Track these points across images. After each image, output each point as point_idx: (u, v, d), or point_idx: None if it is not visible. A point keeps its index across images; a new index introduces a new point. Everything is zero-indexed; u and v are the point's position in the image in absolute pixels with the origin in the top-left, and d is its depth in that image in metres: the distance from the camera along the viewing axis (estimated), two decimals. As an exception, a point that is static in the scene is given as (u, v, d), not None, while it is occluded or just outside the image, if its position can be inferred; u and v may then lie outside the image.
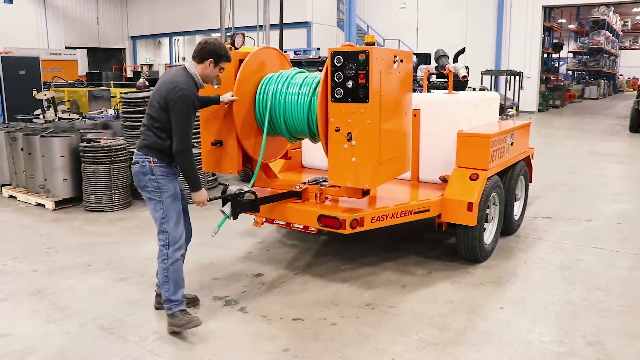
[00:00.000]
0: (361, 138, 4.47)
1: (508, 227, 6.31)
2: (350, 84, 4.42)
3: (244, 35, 5.35)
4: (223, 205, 4.64)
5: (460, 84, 6.26)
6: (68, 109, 12.38)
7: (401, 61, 4.74)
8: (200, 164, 5.46)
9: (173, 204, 4.19)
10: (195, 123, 4.72)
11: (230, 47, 5.08)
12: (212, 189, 8.63)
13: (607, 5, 38.18)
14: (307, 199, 5.12)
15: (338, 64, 4.47)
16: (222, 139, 5.09)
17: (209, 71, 4.24)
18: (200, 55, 4.20)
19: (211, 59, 4.19)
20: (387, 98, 4.61)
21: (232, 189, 4.70)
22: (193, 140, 4.35)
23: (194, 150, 4.64)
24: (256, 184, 5.28)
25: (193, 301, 4.63)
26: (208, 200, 4.36)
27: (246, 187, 4.76)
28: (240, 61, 4.98)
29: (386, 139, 4.67)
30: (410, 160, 5.30)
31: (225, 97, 4.80)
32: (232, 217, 4.64)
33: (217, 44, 4.24)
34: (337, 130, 4.54)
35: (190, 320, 4.14)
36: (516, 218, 6.58)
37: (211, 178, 8.72)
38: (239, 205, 4.63)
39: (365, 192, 4.86)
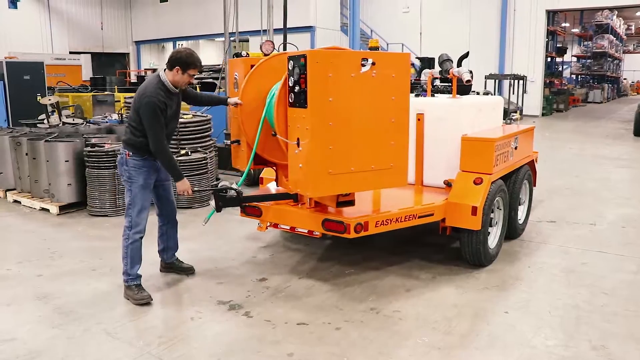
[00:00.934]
0: (304, 144, 4.41)
1: (512, 231, 6.30)
2: (297, 88, 4.38)
3: (273, 43, 5.56)
4: (211, 200, 5.08)
5: (464, 88, 6.26)
6: (72, 113, 12.43)
7: (373, 64, 4.42)
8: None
9: (140, 193, 4.79)
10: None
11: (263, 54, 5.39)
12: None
13: (611, 9, 38.14)
14: (304, 203, 5.13)
15: (290, 68, 4.43)
16: (239, 139, 5.34)
17: (178, 78, 4.70)
18: (170, 63, 4.69)
19: (178, 67, 4.66)
20: (343, 104, 4.37)
21: (221, 184, 5.15)
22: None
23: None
24: (279, 184, 5.47)
25: (187, 270, 5.36)
26: (192, 191, 4.96)
27: (233, 186, 5.13)
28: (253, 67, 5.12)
29: (343, 147, 4.44)
30: (406, 173, 4.90)
31: (232, 100, 5.18)
32: (216, 210, 5.09)
33: (185, 54, 4.69)
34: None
35: (142, 297, 4.77)
36: (520, 222, 6.57)
37: (215, 182, 8.72)
38: (221, 199, 5.05)
39: (342, 203, 4.81)
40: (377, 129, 4.61)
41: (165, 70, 4.75)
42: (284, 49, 12.09)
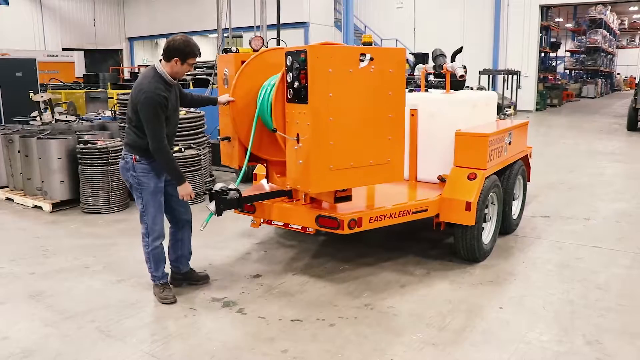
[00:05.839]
0: (304, 140, 4.40)
1: (506, 226, 6.30)
2: (296, 84, 4.36)
3: (262, 39, 5.46)
4: (209, 202, 4.83)
5: (458, 84, 6.25)
6: (65, 110, 12.35)
7: (371, 59, 4.41)
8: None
9: (152, 199, 4.53)
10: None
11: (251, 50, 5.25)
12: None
13: (604, 4, 38.22)
14: (298, 199, 5.12)
15: (289, 64, 4.42)
16: (230, 136, 5.24)
17: (177, 68, 4.41)
18: (167, 54, 4.38)
19: (176, 58, 4.36)
20: (342, 99, 4.38)
21: (218, 186, 4.91)
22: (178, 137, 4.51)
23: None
24: (270, 180, 5.42)
25: (204, 279, 5.04)
26: (195, 195, 4.70)
27: (231, 186, 4.91)
28: (244, 62, 5.05)
29: (343, 143, 4.45)
30: (402, 168, 4.93)
31: (222, 97, 5.00)
32: (216, 214, 4.84)
33: (182, 42, 4.38)
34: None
35: (167, 297, 4.68)
36: (514, 217, 6.57)
37: (209, 179, 8.71)
38: (222, 202, 4.82)
39: (340, 198, 4.80)
40: (375, 124, 4.62)
41: (161, 61, 4.45)
42: (277, 44, 12.06)
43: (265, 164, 5.50)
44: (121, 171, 4.60)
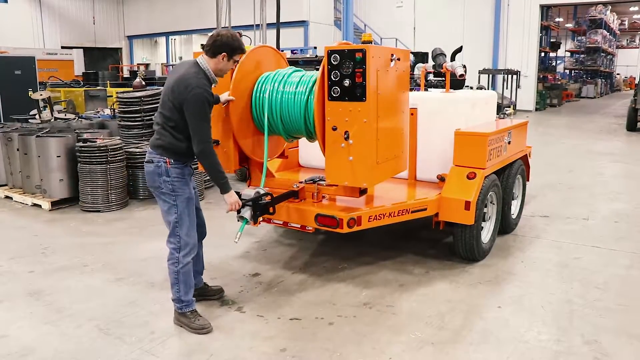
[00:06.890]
0: (358, 137, 4.45)
1: (506, 225, 6.31)
2: (347, 82, 4.39)
3: (240, 35, 5.31)
4: (241, 210, 4.45)
5: (458, 83, 6.26)
6: (64, 108, 12.34)
7: (398, 59, 4.70)
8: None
9: (187, 208, 4.11)
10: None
11: None
12: (207, 189, 8.62)
13: (605, 4, 38.23)
14: (305, 198, 5.11)
15: (335, 63, 4.44)
16: (218, 139, 5.06)
17: (222, 65, 4.09)
18: (213, 49, 4.04)
19: (224, 53, 4.04)
20: (384, 97, 4.58)
21: (249, 193, 4.55)
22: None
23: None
24: (253, 183, 5.32)
25: (218, 292, 4.79)
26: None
27: (261, 190, 4.62)
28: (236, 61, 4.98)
29: (383, 138, 4.65)
30: (407, 160, 5.28)
31: (223, 97, 4.78)
32: (252, 222, 4.52)
33: (230, 36, 4.08)
34: (334, 129, 4.50)
35: (202, 326, 4.16)
36: (514, 217, 6.58)
37: (207, 178, 8.69)
38: (259, 208, 4.53)
39: (362, 191, 4.85)
40: (396, 119, 4.94)
41: (203, 57, 4.09)
42: (277, 44, 12.05)
43: (246, 167, 5.38)
44: (150, 176, 4.11)
